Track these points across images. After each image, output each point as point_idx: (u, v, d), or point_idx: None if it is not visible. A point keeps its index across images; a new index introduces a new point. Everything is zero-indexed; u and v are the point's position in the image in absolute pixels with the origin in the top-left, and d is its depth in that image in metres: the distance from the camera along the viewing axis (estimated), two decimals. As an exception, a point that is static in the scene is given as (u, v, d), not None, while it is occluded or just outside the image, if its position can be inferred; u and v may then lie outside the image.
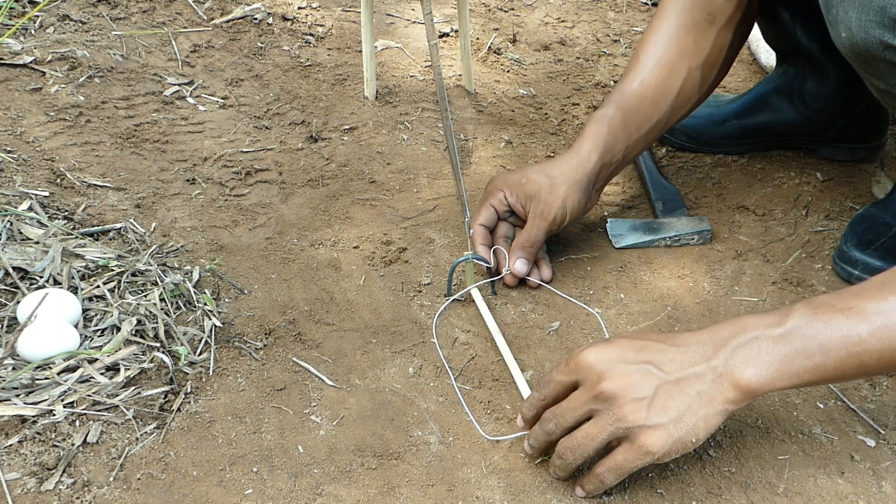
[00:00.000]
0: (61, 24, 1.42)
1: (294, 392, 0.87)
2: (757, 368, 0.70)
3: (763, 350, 0.71)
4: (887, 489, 0.81)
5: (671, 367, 0.72)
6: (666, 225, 1.13)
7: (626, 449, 0.72)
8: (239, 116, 1.30)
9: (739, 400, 0.71)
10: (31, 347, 0.83)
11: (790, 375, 0.70)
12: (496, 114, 1.38)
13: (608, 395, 0.71)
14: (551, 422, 0.76)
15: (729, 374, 0.71)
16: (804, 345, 0.70)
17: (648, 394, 0.71)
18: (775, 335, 0.71)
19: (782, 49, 1.26)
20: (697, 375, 0.71)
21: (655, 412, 0.70)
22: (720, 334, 0.73)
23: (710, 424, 0.71)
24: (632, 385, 0.71)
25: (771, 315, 0.73)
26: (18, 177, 1.09)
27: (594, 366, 0.73)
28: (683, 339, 0.74)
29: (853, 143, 1.27)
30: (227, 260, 1.04)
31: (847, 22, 0.82)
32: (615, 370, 0.72)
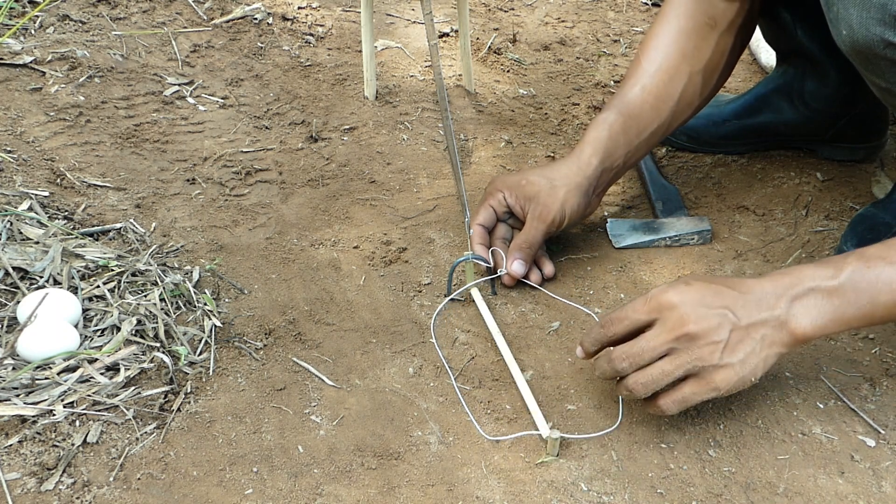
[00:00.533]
0: (61, 24, 1.42)
1: (294, 392, 0.87)
2: (812, 319, 0.77)
3: (819, 302, 0.77)
4: (887, 489, 0.81)
5: (743, 312, 0.77)
6: (666, 225, 1.13)
7: (694, 383, 0.78)
8: (239, 116, 1.30)
9: (794, 344, 0.78)
10: (31, 347, 0.83)
11: (841, 324, 0.78)
12: (496, 114, 1.38)
13: (691, 335, 0.76)
14: (625, 361, 0.79)
15: (788, 322, 0.77)
16: (856, 297, 0.77)
17: (724, 337, 0.76)
18: (830, 287, 0.77)
19: (782, 49, 1.26)
20: (763, 321, 0.77)
21: (728, 353, 0.77)
22: (781, 282, 0.79)
23: (767, 364, 0.78)
24: (712, 328, 0.76)
25: (826, 267, 0.78)
26: (18, 177, 1.09)
27: (678, 307, 0.77)
28: (749, 287, 0.79)
29: (853, 143, 1.27)
30: (227, 260, 1.04)
31: (848, 19, 0.83)
32: (698, 313, 0.77)
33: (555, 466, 0.81)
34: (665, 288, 0.80)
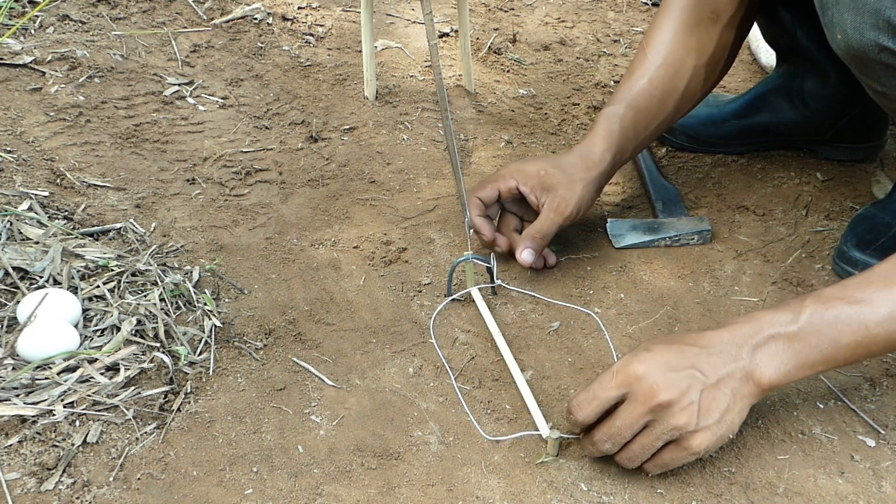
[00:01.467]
0: (61, 24, 1.42)
1: (294, 392, 0.87)
2: (776, 367, 0.76)
3: (780, 349, 0.76)
4: (887, 489, 0.81)
5: (709, 369, 0.75)
6: (666, 225, 1.13)
7: (673, 449, 0.76)
8: (239, 116, 1.30)
9: (762, 394, 0.77)
10: (31, 347, 0.83)
11: (805, 368, 0.76)
12: (496, 114, 1.38)
13: (664, 404, 0.74)
14: (607, 442, 0.77)
15: (752, 372, 0.76)
16: (817, 340, 0.75)
17: (696, 398, 0.74)
18: (790, 333, 0.76)
19: (782, 49, 1.26)
20: (730, 375, 0.76)
21: (703, 415, 0.75)
22: (740, 332, 0.77)
23: (742, 417, 0.77)
24: (683, 392, 0.74)
25: (784, 311, 0.77)
26: (18, 177, 1.09)
27: (645, 377, 0.75)
28: (709, 340, 0.77)
29: (853, 143, 1.27)
30: (227, 260, 1.04)
31: (842, 24, 0.83)
32: (666, 379, 0.75)
33: (555, 466, 0.81)
34: (628, 360, 0.77)
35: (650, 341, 0.80)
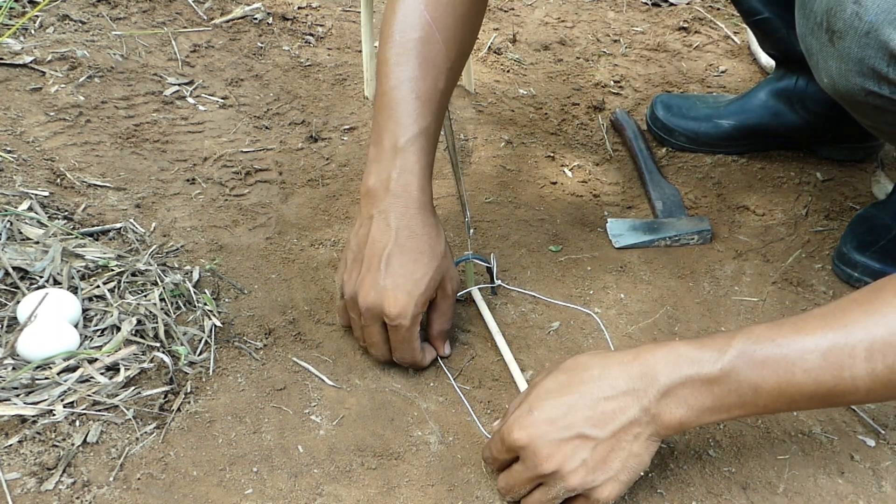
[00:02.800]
0: (61, 24, 1.42)
1: (294, 392, 0.87)
2: (687, 411, 0.70)
3: (696, 393, 0.70)
4: (887, 489, 0.81)
5: (603, 423, 0.71)
6: (666, 225, 1.13)
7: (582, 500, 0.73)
8: (239, 116, 1.30)
9: (671, 434, 0.72)
10: (31, 347, 0.83)
11: (720, 412, 0.70)
12: (496, 114, 1.38)
13: (551, 474, 0.71)
14: (507, 495, 0.76)
15: (660, 416, 0.70)
16: (737, 386, 0.69)
17: (587, 457, 0.70)
18: (710, 377, 0.69)
19: (778, 56, 1.26)
20: (631, 422, 0.71)
21: (600, 471, 0.71)
22: (651, 368, 0.71)
23: (650, 452, 0.72)
24: (568, 457, 0.70)
25: (709, 348, 0.70)
26: (18, 177, 1.09)
27: (527, 446, 0.72)
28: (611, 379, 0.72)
29: (853, 143, 1.27)
30: (227, 260, 1.04)
31: (827, 70, 0.83)
32: (548, 449, 0.71)
33: (555, 466, 0.81)
34: (511, 423, 0.73)
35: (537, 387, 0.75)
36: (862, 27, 0.76)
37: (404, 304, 0.83)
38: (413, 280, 0.84)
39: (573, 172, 1.26)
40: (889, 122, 0.85)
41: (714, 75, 1.53)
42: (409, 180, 0.86)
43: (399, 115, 0.87)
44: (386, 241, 0.85)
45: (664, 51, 1.59)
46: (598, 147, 1.32)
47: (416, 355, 0.88)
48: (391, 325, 0.85)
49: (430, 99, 0.89)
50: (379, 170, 0.87)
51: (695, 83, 1.50)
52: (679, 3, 1.75)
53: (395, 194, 0.86)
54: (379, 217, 0.86)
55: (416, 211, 0.86)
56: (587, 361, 0.74)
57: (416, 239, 0.85)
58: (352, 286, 0.86)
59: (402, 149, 0.86)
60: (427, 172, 0.88)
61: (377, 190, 0.87)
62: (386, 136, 0.87)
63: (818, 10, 0.81)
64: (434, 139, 0.90)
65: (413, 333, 0.86)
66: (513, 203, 1.18)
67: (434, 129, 0.89)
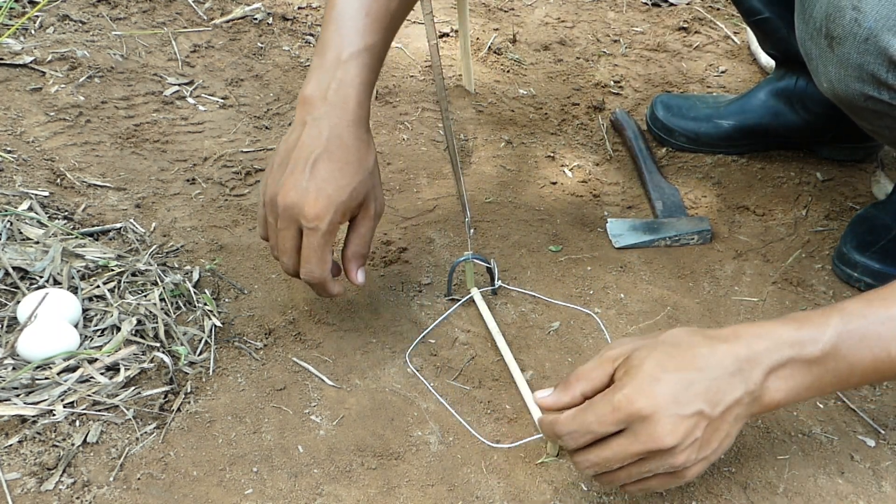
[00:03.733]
0: (61, 24, 1.42)
1: (294, 392, 0.87)
2: (787, 391, 0.71)
3: (796, 374, 0.71)
4: (887, 489, 0.81)
5: (718, 398, 0.70)
6: (666, 225, 1.13)
7: (664, 478, 0.71)
8: (239, 116, 1.30)
9: (762, 414, 0.74)
10: (31, 347, 0.83)
11: (818, 390, 0.72)
12: (496, 114, 1.38)
13: (666, 450, 0.68)
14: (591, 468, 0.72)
15: (762, 396, 0.71)
16: (836, 365, 0.71)
17: (699, 435, 0.69)
18: (811, 359, 0.70)
19: (778, 56, 1.26)
20: (737, 402, 0.70)
21: (702, 450, 0.70)
22: (756, 349, 0.71)
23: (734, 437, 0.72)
24: (687, 434, 0.69)
25: (808, 329, 0.71)
26: (18, 177, 1.09)
27: (650, 418, 0.68)
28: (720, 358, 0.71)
29: (853, 143, 1.27)
30: (227, 260, 1.04)
31: (827, 75, 0.83)
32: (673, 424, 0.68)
33: (555, 466, 0.81)
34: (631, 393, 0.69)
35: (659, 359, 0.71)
36: (861, 33, 0.76)
37: (324, 207, 0.81)
38: (337, 186, 0.82)
39: (573, 172, 1.26)
40: (888, 126, 0.85)
41: (714, 75, 1.53)
42: (347, 92, 0.85)
43: (345, 30, 0.86)
44: (315, 146, 0.83)
45: (664, 51, 1.59)
46: (598, 147, 1.32)
47: (324, 269, 0.84)
48: (306, 229, 0.82)
49: (380, 18, 0.88)
50: (319, 79, 0.85)
51: (695, 83, 1.50)
52: (679, 3, 1.75)
53: (331, 104, 0.84)
54: (312, 124, 0.84)
55: (349, 122, 0.84)
56: (690, 339, 0.73)
57: (346, 150, 0.84)
58: (273, 188, 0.84)
59: (345, 62, 0.85)
60: (367, 89, 0.87)
61: (314, 98, 0.85)
62: (330, 49, 0.86)
63: (817, 15, 0.80)
64: (379, 59, 0.88)
65: (326, 242, 0.83)
66: (513, 203, 1.18)
67: (380, 49, 0.88)
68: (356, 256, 0.88)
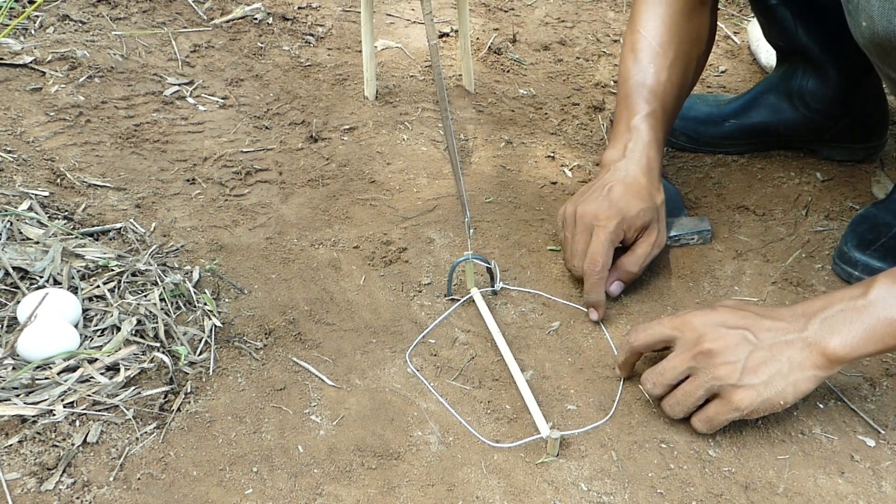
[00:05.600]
0: (61, 24, 1.42)
1: (294, 392, 0.87)
2: (843, 337, 0.76)
3: (848, 320, 0.76)
4: (887, 489, 0.81)
5: (766, 335, 0.78)
6: (666, 225, 1.13)
7: (718, 403, 0.79)
8: (239, 116, 1.30)
9: (828, 366, 0.77)
10: (31, 347, 0.83)
11: (875, 341, 0.76)
12: (496, 114, 1.38)
13: (706, 353, 0.78)
14: (650, 382, 0.83)
15: (817, 343, 0.77)
16: (886, 313, 0.76)
17: (742, 357, 0.77)
18: (859, 306, 0.77)
19: (783, 48, 1.26)
20: (788, 343, 0.77)
21: (748, 374, 0.77)
22: (812, 307, 0.79)
23: (799, 389, 0.78)
24: (728, 347, 0.78)
25: (856, 287, 0.79)
26: (18, 177, 1.09)
27: (697, 327, 0.80)
28: (779, 313, 0.80)
29: (853, 143, 1.27)
30: (227, 260, 1.04)
31: (868, 11, 0.82)
32: (715, 333, 0.79)
33: (555, 466, 0.81)
34: (692, 310, 0.83)
35: (721, 302, 0.84)
36: None
37: (614, 214, 0.95)
38: (627, 204, 0.96)
39: (573, 172, 1.26)
40: None
41: (714, 75, 1.53)
42: (642, 148, 1.00)
43: (631, 103, 1.03)
44: (612, 180, 0.98)
45: (664, 51, 1.59)
46: (598, 147, 1.32)
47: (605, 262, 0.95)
48: (597, 228, 0.95)
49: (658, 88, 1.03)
50: (615, 144, 1.02)
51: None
52: (679, 3, 1.75)
53: (629, 157, 1.00)
54: (612, 169, 1.00)
55: (643, 168, 0.99)
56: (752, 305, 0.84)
57: (638, 184, 0.98)
58: (573, 206, 0.99)
59: (635, 126, 1.01)
60: (658, 145, 1.02)
61: (613, 158, 1.01)
62: (621, 120, 1.03)
63: None
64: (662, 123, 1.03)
65: (610, 242, 0.95)
66: (513, 203, 1.18)
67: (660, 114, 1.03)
68: (623, 270, 1.00)
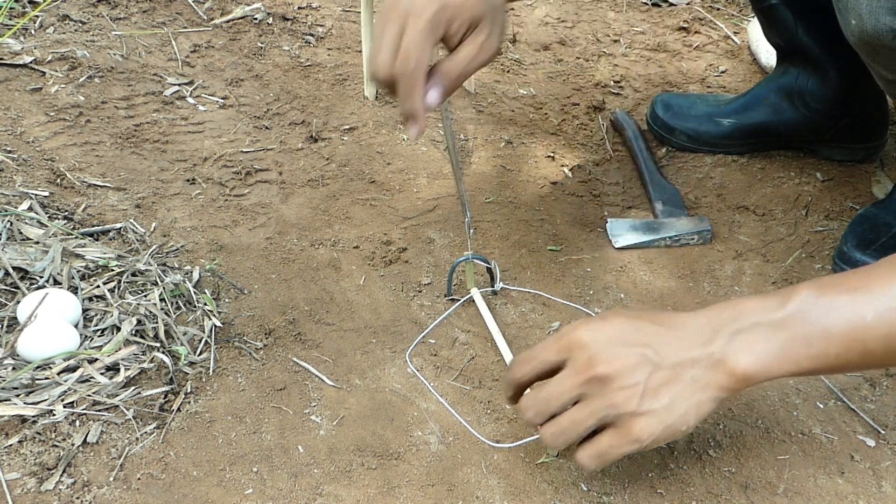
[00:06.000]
0: (61, 24, 1.42)
1: (294, 392, 0.87)
2: (754, 356, 0.66)
3: (762, 336, 0.66)
4: (887, 489, 0.81)
5: (668, 350, 0.67)
6: (666, 225, 1.13)
7: (613, 435, 0.68)
8: (239, 116, 1.30)
9: (734, 387, 0.67)
10: (31, 347, 0.83)
11: (789, 362, 0.66)
12: (496, 114, 1.38)
13: (602, 378, 0.66)
14: (531, 410, 0.70)
15: (725, 360, 0.67)
16: (805, 330, 0.66)
17: (641, 379, 0.66)
18: (775, 320, 0.66)
19: (783, 48, 1.26)
20: (693, 361, 0.67)
21: (649, 399, 0.66)
22: (720, 317, 0.68)
23: (701, 411, 0.68)
24: (626, 369, 0.66)
25: (773, 297, 0.68)
26: (18, 177, 1.09)
27: (588, 345, 0.67)
28: (682, 321, 0.69)
29: (853, 143, 1.27)
30: (227, 260, 1.04)
31: (857, 9, 0.81)
32: (610, 352, 0.67)
33: (555, 466, 0.81)
34: (578, 324, 0.69)
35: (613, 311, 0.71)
36: None
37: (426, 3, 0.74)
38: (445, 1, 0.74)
39: (573, 172, 1.26)
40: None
41: (714, 75, 1.53)
42: None
43: None
44: None
45: (664, 51, 1.59)
46: (598, 147, 1.32)
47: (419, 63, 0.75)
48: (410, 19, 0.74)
49: None
50: None
51: (695, 83, 1.50)
52: (679, 3, 1.75)
53: None
54: None
55: None
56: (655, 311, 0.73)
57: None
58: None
59: None
60: None
61: None
62: None
63: None
64: None
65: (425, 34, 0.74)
66: (513, 203, 1.18)
67: None
68: (442, 74, 0.78)
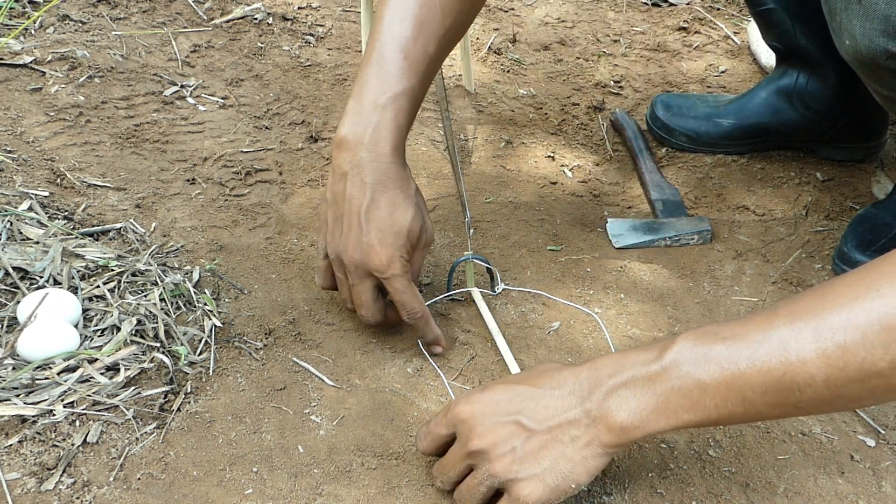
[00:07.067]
0: (61, 24, 1.42)
1: (294, 392, 0.87)
2: (629, 411, 0.66)
3: (638, 391, 0.67)
4: (887, 489, 0.81)
5: (543, 414, 0.69)
6: (666, 225, 1.13)
7: (505, 500, 0.71)
8: (239, 116, 1.30)
9: (617, 442, 0.68)
10: (31, 347, 0.83)
11: (668, 415, 0.66)
12: (496, 114, 1.38)
13: (479, 451, 0.70)
14: (437, 478, 0.76)
15: (602, 417, 0.67)
16: (680, 382, 0.65)
17: (515, 446, 0.69)
18: (651, 373, 0.66)
19: (781, 50, 1.26)
20: (570, 421, 0.69)
21: (526, 465, 0.69)
22: (598, 373, 0.69)
23: (590, 467, 0.69)
24: (499, 441, 0.70)
25: (652, 349, 0.68)
26: (18, 177, 1.09)
27: (467, 420, 0.72)
28: (561, 380, 0.71)
29: (853, 143, 1.27)
30: (227, 260, 1.04)
31: (851, 30, 0.82)
32: (484, 426, 0.70)
33: (555, 466, 0.81)
34: (459, 398, 0.74)
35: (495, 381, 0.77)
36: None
37: (389, 256, 0.85)
38: (393, 232, 0.85)
39: (573, 172, 1.26)
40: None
41: (714, 75, 1.53)
42: (384, 136, 0.86)
43: (384, 73, 0.87)
44: (362, 198, 0.85)
45: (664, 51, 1.59)
46: (598, 147, 1.32)
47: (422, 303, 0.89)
48: (384, 279, 0.86)
49: (417, 61, 0.88)
50: (355, 122, 0.87)
51: (695, 83, 1.50)
52: (679, 3, 1.75)
53: (368, 149, 0.86)
54: (353, 174, 0.86)
55: (388, 166, 0.86)
56: (549, 367, 0.75)
57: (391, 194, 0.86)
58: (335, 246, 0.87)
59: (382, 106, 0.86)
60: (403, 132, 0.88)
61: (350, 142, 0.87)
62: (367, 91, 0.87)
63: None
64: (416, 101, 0.89)
65: (409, 280, 0.87)
66: (513, 203, 1.18)
67: (418, 92, 0.89)
68: None
